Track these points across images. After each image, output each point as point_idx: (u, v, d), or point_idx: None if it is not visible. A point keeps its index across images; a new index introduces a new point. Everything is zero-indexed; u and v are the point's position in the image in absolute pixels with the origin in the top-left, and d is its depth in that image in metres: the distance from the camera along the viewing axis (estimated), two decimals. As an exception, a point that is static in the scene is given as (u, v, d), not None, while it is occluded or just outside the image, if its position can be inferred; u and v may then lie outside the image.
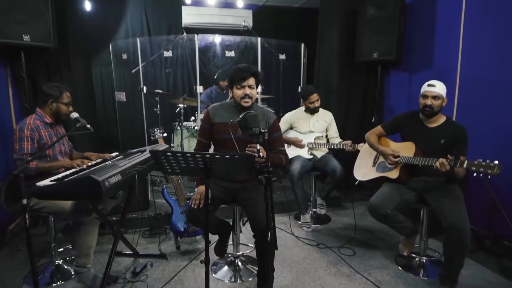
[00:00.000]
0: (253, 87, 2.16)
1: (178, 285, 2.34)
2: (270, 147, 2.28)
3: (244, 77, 2.12)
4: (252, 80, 2.14)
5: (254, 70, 2.15)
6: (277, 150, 2.26)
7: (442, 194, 2.29)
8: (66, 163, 2.23)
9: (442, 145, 2.34)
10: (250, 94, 2.14)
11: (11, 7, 2.76)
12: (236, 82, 2.14)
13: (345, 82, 4.29)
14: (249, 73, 2.12)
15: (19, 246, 2.82)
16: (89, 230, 2.25)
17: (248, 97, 2.14)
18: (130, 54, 3.63)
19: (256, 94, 2.21)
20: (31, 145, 2.16)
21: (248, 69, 2.13)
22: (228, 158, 1.63)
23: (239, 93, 2.14)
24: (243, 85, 2.12)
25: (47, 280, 2.39)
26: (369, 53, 3.82)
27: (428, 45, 3.58)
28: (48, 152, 2.25)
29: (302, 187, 3.17)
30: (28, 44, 2.85)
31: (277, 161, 2.18)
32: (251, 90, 2.15)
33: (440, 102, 2.34)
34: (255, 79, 2.16)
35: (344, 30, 4.16)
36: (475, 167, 1.97)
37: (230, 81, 2.20)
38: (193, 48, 4.78)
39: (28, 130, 2.17)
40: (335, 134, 3.39)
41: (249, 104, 2.16)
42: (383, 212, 2.31)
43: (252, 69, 2.15)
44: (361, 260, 2.69)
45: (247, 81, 2.12)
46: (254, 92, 2.17)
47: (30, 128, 2.19)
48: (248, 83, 2.13)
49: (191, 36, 3.39)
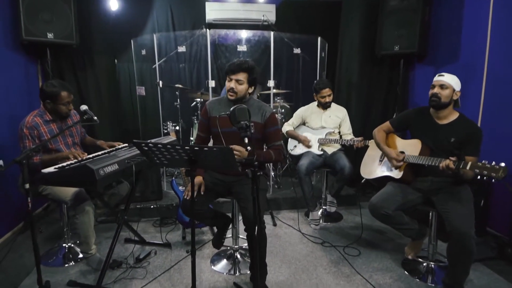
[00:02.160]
0: (241, 82, 2.14)
1: (176, 274, 2.42)
2: (266, 141, 2.27)
3: (233, 70, 2.12)
4: (242, 75, 2.13)
5: (246, 65, 2.13)
6: (272, 144, 2.24)
7: (448, 196, 2.14)
8: (66, 154, 2.31)
9: (452, 143, 2.18)
10: (235, 89, 2.13)
11: (38, 8, 2.97)
12: (226, 74, 2.16)
13: (366, 77, 4.13)
14: (239, 68, 2.11)
15: (41, 228, 3.06)
16: (84, 221, 2.35)
17: (233, 91, 2.14)
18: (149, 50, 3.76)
19: (246, 90, 2.18)
20: (32, 143, 2.27)
21: (240, 63, 2.13)
22: (206, 150, 1.65)
23: (227, 86, 2.16)
24: (231, 78, 2.13)
25: (60, 261, 2.57)
26: (390, 46, 3.65)
27: (454, 37, 3.34)
28: (50, 147, 2.35)
29: (310, 184, 3.11)
30: (52, 41, 3.06)
31: (265, 156, 2.18)
32: (237, 85, 2.14)
33: (448, 92, 2.17)
34: (247, 75, 2.14)
35: (365, 23, 4.00)
36: (478, 169, 1.82)
37: (225, 73, 2.21)
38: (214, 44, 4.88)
39: (26, 128, 2.27)
40: (348, 130, 3.29)
41: (233, 98, 2.16)
42: (383, 212, 2.21)
43: (244, 64, 2.13)
44: (365, 261, 2.59)
45: (236, 75, 2.12)
46: (241, 88, 2.15)
47: (28, 126, 2.27)
48: (236, 77, 2.12)
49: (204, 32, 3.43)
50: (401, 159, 2.25)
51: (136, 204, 3.37)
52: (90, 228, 2.40)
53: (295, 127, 3.43)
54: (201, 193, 2.19)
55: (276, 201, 3.60)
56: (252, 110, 2.22)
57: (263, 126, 2.24)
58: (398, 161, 2.26)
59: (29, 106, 3.08)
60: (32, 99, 3.24)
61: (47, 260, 2.57)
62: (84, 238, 2.42)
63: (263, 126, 2.24)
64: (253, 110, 2.23)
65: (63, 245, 2.66)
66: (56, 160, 2.24)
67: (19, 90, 3.13)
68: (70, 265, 2.53)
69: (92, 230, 2.43)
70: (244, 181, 2.25)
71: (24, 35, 2.91)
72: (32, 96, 3.28)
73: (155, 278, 2.36)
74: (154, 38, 3.47)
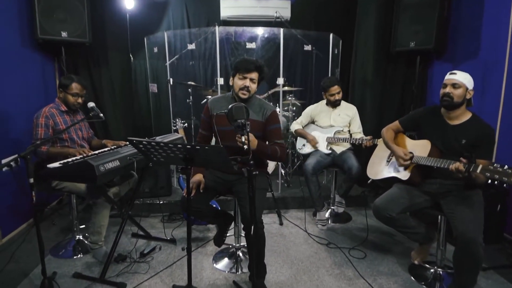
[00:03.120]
0: (254, 81, 2.15)
1: (178, 270, 2.44)
2: (267, 139, 2.25)
3: (249, 69, 2.11)
4: (255, 74, 2.13)
5: (259, 64, 2.13)
6: (273, 142, 2.21)
7: (457, 200, 2.04)
8: (72, 151, 2.40)
9: (463, 145, 2.07)
10: (250, 87, 2.13)
11: (53, 7, 3.07)
12: (239, 71, 2.13)
13: (381, 75, 4.01)
14: (254, 66, 2.11)
15: (55, 221, 3.17)
16: (100, 211, 2.44)
17: (247, 90, 2.13)
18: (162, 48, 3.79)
19: (255, 89, 2.19)
20: (44, 131, 2.39)
21: (254, 62, 2.12)
22: (199, 149, 1.65)
23: (240, 83, 2.13)
24: (245, 76, 2.12)
25: (70, 253, 2.66)
26: (406, 43, 3.52)
27: (474, 33, 3.18)
28: (64, 137, 2.47)
29: (317, 184, 3.06)
30: (66, 40, 3.15)
31: (272, 150, 2.16)
32: (251, 84, 2.14)
33: (461, 91, 2.06)
34: (258, 74, 2.14)
35: (381, 18, 3.87)
36: (490, 173, 1.72)
37: (233, 69, 2.19)
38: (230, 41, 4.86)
39: (43, 117, 2.41)
40: (358, 129, 3.20)
41: (246, 97, 2.15)
42: (386, 215, 2.13)
43: (258, 62, 2.13)
44: (370, 264, 2.52)
45: (250, 73, 2.11)
46: (254, 87, 2.16)
47: (45, 115, 2.42)
48: (251, 75, 2.12)
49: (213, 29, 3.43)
50: (408, 158, 2.17)
51: (146, 200, 3.43)
52: (105, 219, 2.49)
53: (304, 125, 3.37)
54: (200, 191, 2.19)
55: (284, 200, 3.56)
56: (253, 109, 2.22)
57: (264, 124, 2.22)
58: (405, 160, 2.17)
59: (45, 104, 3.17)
60: (48, 96, 3.35)
61: (58, 252, 2.67)
62: (98, 228, 2.50)
63: (264, 124, 2.22)
64: (254, 108, 2.22)
65: (73, 238, 2.75)
66: (62, 154, 2.32)
67: (36, 88, 3.25)
68: (78, 257, 2.61)
69: (107, 222, 2.51)
70: (245, 180, 2.23)
71: (40, 34, 3.02)
72: (49, 94, 3.40)
73: (157, 273, 2.39)
74: (165, 36, 3.50)
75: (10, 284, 2.25)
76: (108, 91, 3.84)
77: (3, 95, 2.78)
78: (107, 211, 2.51)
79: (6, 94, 2.80)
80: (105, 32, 3.71)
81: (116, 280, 2.27)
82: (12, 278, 2.29)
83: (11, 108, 2.86)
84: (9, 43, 2.88)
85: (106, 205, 2.49)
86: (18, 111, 2.92)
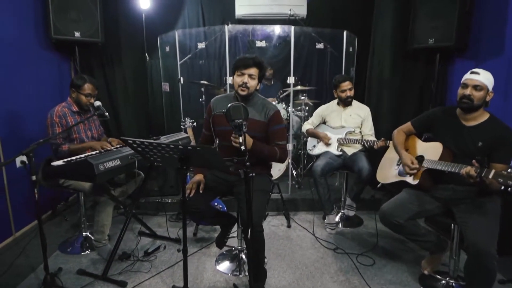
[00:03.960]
0: (253, 77, 2.09)
1: (180, 270, 2.41)
2: (269, 140, 2.19)
3: (247, 65, 2.07)
4: (254, 70, 2.08)
5: (258, 60, 2.09)
6: (274, 143, 2.15)
7: (470, 207, 1.90)
8: (93, 144, 2.45)
9: (479, 148, 1.93)
10: (248, 84, 2.08)
11: (67, 7, 3.13)
12: (237, 68, 2.10)
13: (398, 73, 3.85)
14: (252, 61, 2.06)
15: (67, 217, 3.24)
16: (103, 210, 2.47)
17: (245, 86, 2.08)
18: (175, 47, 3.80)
19: (256, 86, 2.13)
20: (61, 130, 2.42)
21: (253, 58, 2.08)
22: (190, 149, 1.61)
23: (238, 80, 2.09)
24: (243, 72, 2.07)
25: (78, 249, 2.70)
26: (424, 39, 3.35)
27: (499, 28, 2.97)
28: (74, 136, 2.50)
29: (326, 186, 2.96)
30: (79, 40, 3.21)
31: (269, 151, 2.11)
32: (250, 80, 2.09)
33: (482, 94, 1.92)
34: (258, 70, 2.10)
35: (399, 14, 3.71)
36: (503, 178, 1.59)
37: (233, 68, 2.16)
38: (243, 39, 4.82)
39: (56, 117, 2.44)
40: (370, 131, 3.07)
41: (245, 93, 2.10)
42: (394, 222, 2.02)
43: (256, 59, 2.09)
44: (378, 272, 2.41)
45: (248, 69, 2.07)
46: (253, 83, 2.10)
47: (58, 115, 2.45)
48: (249, 71, 2.07)
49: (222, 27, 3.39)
50: (415, 167, 2.04)
51: (156, 198, 3.45)
52: (108, 217, 2.51)
53: (315, 126, 3.28)
54: (199, 191, 2.16)
55: (294, 202, 3.48)
56: (256, 108, 2.16)
57: (266, 124, 2.16)
58: (412, 169, 2.04)
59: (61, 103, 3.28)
60: (64, 95, 3.42)
61: (66, 248, 2.72)
62: (101, 227, 2.53)
63: (266, 125, 2.16)
64: (256, 108, 2.17)
65: (80, 235, 2.79)
66: (83, 149, 2.35)
67: (51, 87, 3.33)
68: (85, 254, 2.65)
69: (110, 221, 2.53)
70: None
71: (53, 34, 3.09)
72: (64, 93, 3.47)
73: (159, 273, 2.39)
74: (176, 35, 3.51)
75: (17, 277, 2.31)
76: (122, 90, 3.90)
77: (18, 94, 2.86)
78: (110, 209, 2.53)
79: (21, 92, 2.88)
80: (119, 31, 3.76)
81: (118, 278, 2.28)
82: (20, 272, 2.36)
83: (25, 106, 2.94)
84: (24, 42, 2.96)
85: (109, 204, 2.51)
86: (32, 110, 2.99)
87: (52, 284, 2.11)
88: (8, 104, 2.77)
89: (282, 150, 2.15)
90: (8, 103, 2.77)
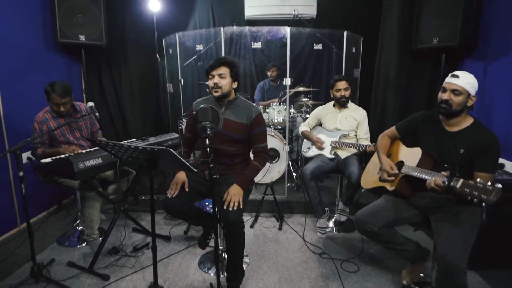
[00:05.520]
0: (223, 76, 2.11)
1: (162, 267, 2.49)
2: (251, 143, 2.25)
3: (213, 66, 2.11)
4: (223, 69, 2.11)
5: (225, 60, 2.12)
6: (257, 146, 2.21)
7: (446, 216, 1.81)
8: (61, 150, 2.49)
9: (460, 155, 1.83)
10: (219, 83, 2.10)
11: (72, 12, 3.30)
12: (207, 73, 2.14)
13: (405, 74, 3.73)
14: (219, 62, 2.10)
15: (70, 211, 3.42)
16: (90, 205, 2.58)
17: (217, 86, 2.10)
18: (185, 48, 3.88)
19: (230, 84, 2.14)
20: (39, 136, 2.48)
21: (219, 58, 2.13)
22: (149, 150, 1.65)
23: (210, 83, 2.14)
24: (212, 74, 2.11)
25: (74, 243, 2.84)
26: (428, 39, 3.22)
27: (509, 28, 2.80)
28: (60, 139, 2.59)
29: (316, 189, 2.91)
30: (84, 43, 3.37)
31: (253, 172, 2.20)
32: (221, 79, 2.11)
33: (461, 99, 1.82)
34: (228, 69, 2.12)
35: (406, 13, 3.58)
36: (469, 189, 1.50)
37: (205, 73, 2.20)
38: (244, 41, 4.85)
39: (37, 123, 2.52)
40: (365, 135, 2.98)
41: (219, 94, 2.12)
42: (367, 228, 1.96)
43: (223, 59, 2.13)
44: (360, 279, 2.34)
45: (217, 69, 2.10)
46: (224, 82, 2.12)
47: (38, 121, 2.53)
48: (218, 71, 2.10)
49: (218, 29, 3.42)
50: (393, 173, 1.96)
51: (156, 196, 3.55)
52: (95, 212, 2.62)
53: (311, 127, 3.24)
54: (185, 190, 2.18)
55: (289, 204, 3.46)
56: (238, 110, 2.19)
57: (249, 127, 2.18)
58: (390, 175, 1.97)
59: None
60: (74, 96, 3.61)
61: (63, 241, 2.87)
62: (89, 222, 2.65)
63: (249, 127, 2.19)
64: (239, 111, 2.20)
65: (77, 228, 2.94)
66: (56, 154, 2.45)
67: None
68: (79, 247, 2.78)
69: (98, 217, 2.65)
70: (225, 180, 2.21)
71: (60, 38, 3.26)
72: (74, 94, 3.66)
73: (142, 269, 2.46)
74: (176, 37, 3.59)
75: (13, 266, 2.47)
76: (128, 91, 4.05)
77: (26, 96, 3.05)
78: (97, 205, 2.63)
79: (28, 94, 3.06)
80: (125, 34, 3.90)
81: (103, 272, 2.39)
82: (17, 261, 2.52)
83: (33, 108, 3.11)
84: (32, 46, 3.16)
85: (96, 200, 2.60)
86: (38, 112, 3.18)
87: (39, 274, 2.24)
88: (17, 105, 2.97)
89: (261, 158, 2.22)
90: (17, 104, 2.97)
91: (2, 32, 2.83)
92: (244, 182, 2.14)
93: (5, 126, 2.87)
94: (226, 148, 2.19)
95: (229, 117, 2.17)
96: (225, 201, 2.03)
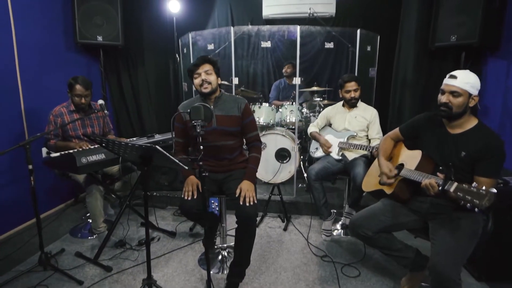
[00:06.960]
0: (209, 72, 2.15)
1: (163, 262, 2.54)
2: (243, 133, 2.29)
3: (197, 64, 2.15)
4: (207, 66, 2.15)
5: (207, 58, 2.17)
6: (250, 135, 2.27)
7: (443, 222, 1.72)
8: (72, 144, 2.62)
9: (462, 158, 1.74)
10: (208, 79, 2.13)
11: (92, 14, 3.45)
12: (191, 72, 2.17)
13: (423, 74, 3.59)
14: (201, 59, 2.15)
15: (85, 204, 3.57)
16: (91, 200, 2.68)
17: (207, 83, 2.13)
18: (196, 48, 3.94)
19: (216, 80, 2.18)
20: (53, 128, 2.64)
21: (201, 57, 2.17)
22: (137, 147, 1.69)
23: (197, 81, 2.16)
24: (198, 73, 2.14)
25: (86, 234, 2.97)
26: (447, 37, 3.07)
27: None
28: (71, 134, 2.72)
29: (321, 191, 2.85)
30: (101, 43, 3.51)
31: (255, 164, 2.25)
32: (208, 75, 2.14)
33: (461, 100, 1.72)
34: (211, 65, 2.16)
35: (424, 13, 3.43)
36: (462, 193, 1.42)
37: (189, 76, 2.23)
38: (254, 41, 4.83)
39: (52, 116, 2.69)
40: (377, 134, 2.88)
41: (209, 89, 2.15)
42: (361, 233, 1.90)
43: (205, 57, 2.18)
44: (359, 285, 2.27)
45: (201, 67, 2.14)
46: (212, 78, 2.16)
47: (54, 114, 2.69)
48: (203, 69, 2.14)
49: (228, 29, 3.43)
50: (392, 175, 1.89)
51: (168, 193, 3.64)
52: (96, 208, 2.72)
53: (320, 128, 3.18)
54: (200, 192, 2.13)
55: (297, 205, 3.41)
56: (227, 105, 2.22)
57: (241, 118, 2.23)
58: (389, 178, 1.90)
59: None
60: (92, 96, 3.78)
61: (76, 232, 3.01)
62: (92, 216, 2.76)
63: (240, 118, 2.23)
64: (228, 104, 2.23)
65: (88, 221, 3.06)
66: (67, 147, 2.59)
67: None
68: (91, 239, 2.90)
69: (100, 210, 2.75)
70: (233, 176, 2.23)
71: (78, 38, 3.42)
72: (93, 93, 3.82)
73: (143, 262, 2.52)
74: (189, 37, 3.64)
75: (26, 255, 2.62)
76: (145, 90, 4.17)
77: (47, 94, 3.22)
78: (97, 200, 2.70)
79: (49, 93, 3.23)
80: (142, 35, 4.03)
81: (106, 264, 2.47)
82: (30, 250, 2.66)
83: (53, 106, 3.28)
84: (54, 46, 3.34)
85: (96, 195, 2.68)
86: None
87: (47, 263, 2.36)
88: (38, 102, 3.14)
89: (257, 147, 2.28)
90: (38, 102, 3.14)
91: (25, 33, 3.01)
92: (252, 176, 2.18)
93: (26, 123, 3.05)
94: (225, 142, 2.22)
95: (220, 112, 2.20)
96: (239, 197, 2.04)
